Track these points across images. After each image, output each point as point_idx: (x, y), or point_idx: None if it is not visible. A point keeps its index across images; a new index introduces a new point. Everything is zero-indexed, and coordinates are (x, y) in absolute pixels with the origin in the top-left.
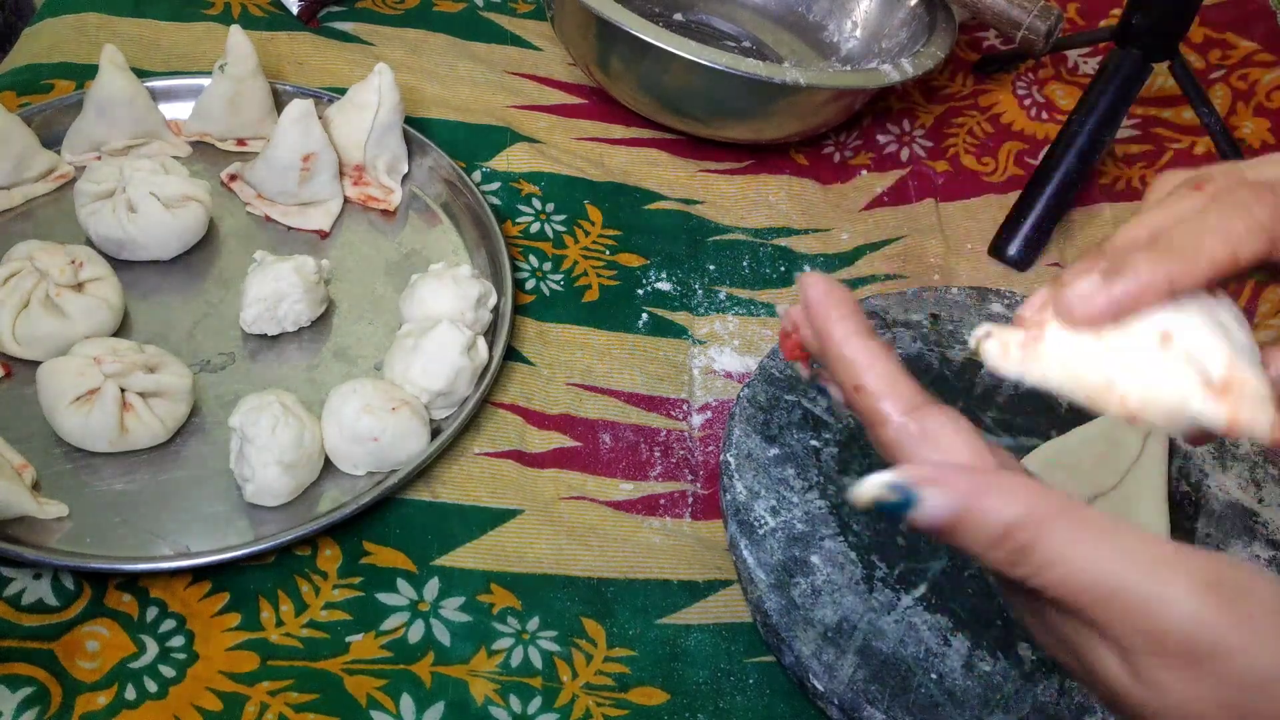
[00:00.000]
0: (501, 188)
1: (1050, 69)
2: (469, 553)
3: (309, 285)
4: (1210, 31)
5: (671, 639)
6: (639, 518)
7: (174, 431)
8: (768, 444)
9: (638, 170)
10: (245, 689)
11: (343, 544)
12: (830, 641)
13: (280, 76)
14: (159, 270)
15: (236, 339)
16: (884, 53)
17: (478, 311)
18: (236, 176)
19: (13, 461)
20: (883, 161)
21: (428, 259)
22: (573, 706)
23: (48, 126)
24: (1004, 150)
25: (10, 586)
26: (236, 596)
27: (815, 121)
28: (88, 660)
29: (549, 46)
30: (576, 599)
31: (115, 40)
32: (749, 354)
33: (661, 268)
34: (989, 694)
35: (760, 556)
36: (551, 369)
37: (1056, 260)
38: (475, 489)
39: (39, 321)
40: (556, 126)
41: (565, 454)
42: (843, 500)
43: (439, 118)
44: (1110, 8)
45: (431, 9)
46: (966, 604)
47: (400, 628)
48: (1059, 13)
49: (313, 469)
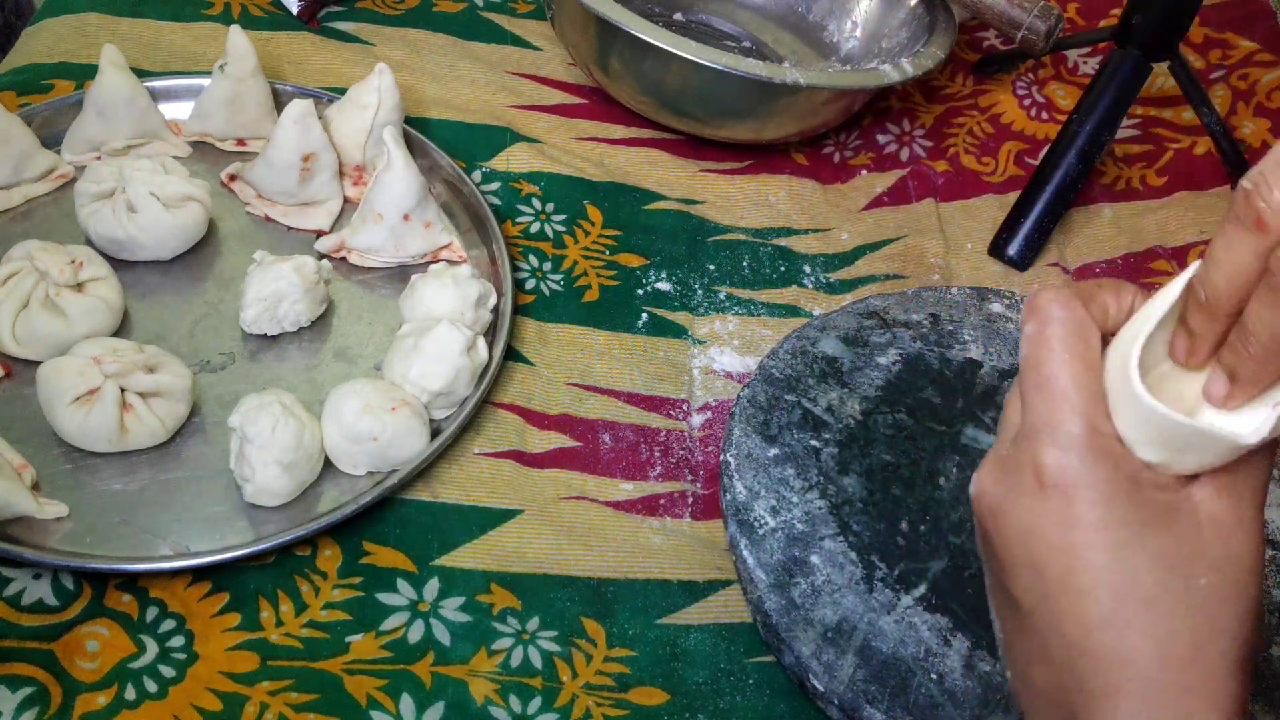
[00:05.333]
0: (501, 188)
1: (1050, 69)
2: (469, 553)
3: (309, 285)
4: (1210, 31)
5: (671, 639)
6: (639, 518)
7: (174, 431)
8: (768, 444)
9: (638, 170)
10: (245, 689)
11: (343, 544)
12: (830, 641)
13: (280, 76)
14: (159, 270)
15: (236, 339)
16: (884, 53)
17: (477, 311)
18: (236, 176)
19: (13, 461)
20: (883, 161)
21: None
22: (573, 706)
23: (48, 126)
24: (1004, 150)
25: (10, 586)
26: (236, 596)
27: (815, 121)
28: (87, 660)
29: (549, 46)
30: (576, 599)
31: (115, 40)
32: (749, 354)
33: (661, 268)
34: (989, 694)
35: (760, 556)
36: (551, 369)
37: (1056, 260)
38: (475, 489)
39: (39, 321)
40: (556, 126)
41: (565, 454)
42: (843, 500)
43: (439, 118)
44: (1110, 8)
45: (431, 9)
46: (966, 604)
47: (400, 628)
48: (1059, 13)
49: (313, 469)
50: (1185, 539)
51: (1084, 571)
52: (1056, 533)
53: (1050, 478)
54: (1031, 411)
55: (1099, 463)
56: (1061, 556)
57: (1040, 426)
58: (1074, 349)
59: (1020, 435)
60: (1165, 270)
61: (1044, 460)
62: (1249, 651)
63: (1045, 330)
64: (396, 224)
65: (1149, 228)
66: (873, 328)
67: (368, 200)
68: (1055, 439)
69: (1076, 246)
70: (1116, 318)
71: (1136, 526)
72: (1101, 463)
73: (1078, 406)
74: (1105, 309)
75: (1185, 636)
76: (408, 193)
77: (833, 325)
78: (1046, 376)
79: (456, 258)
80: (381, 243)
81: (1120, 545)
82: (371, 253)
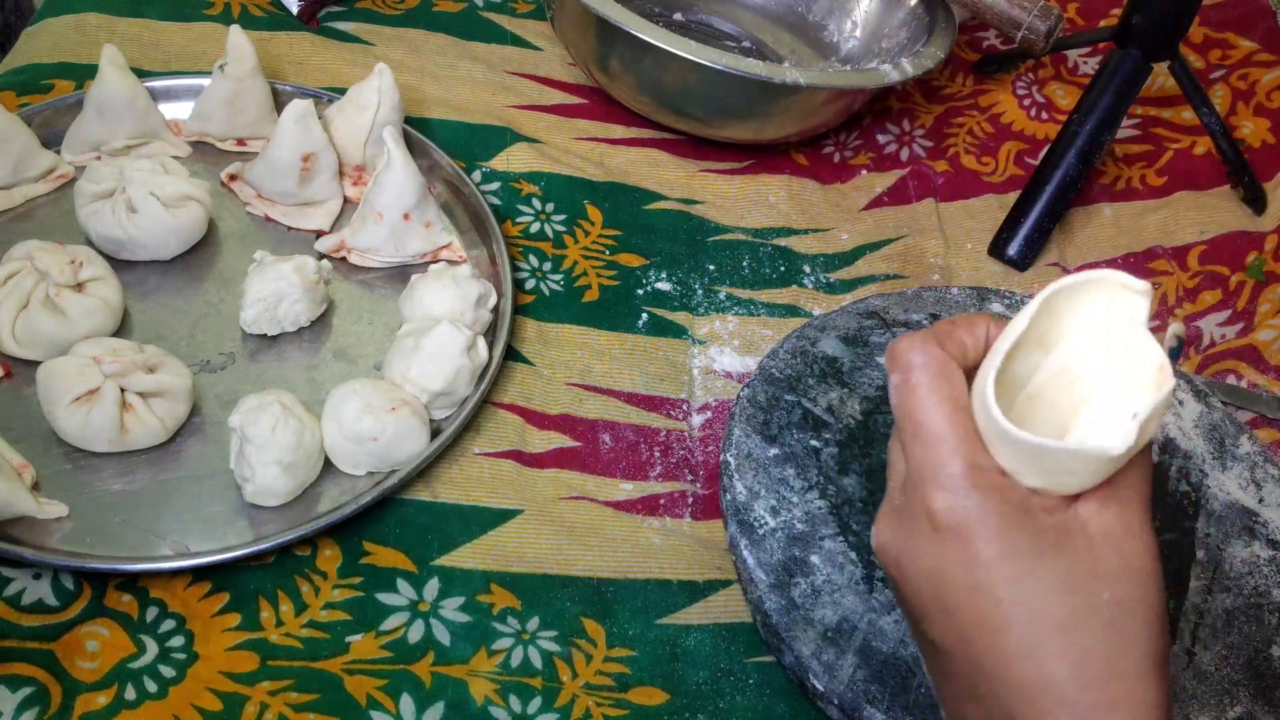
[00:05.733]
0: (501, 188)
1: (1050, 69)
2: (469, 553)
3: (309, 285)
4: (1210, 31)
5: (671, 639)
6: (639, 518)
7: (174, 431)
8: (768, 444)
9: (638, 170)
10: (245, 689)
11: (343, 544)
12: (830, 641)
13: (280, 76)
14: (159, 270)
15: (236, 339)
16: (884, 53)
17: (477, 311)
18: (236, 176)
19: (13, 461)
20: (882, 161)
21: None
22: (573, 706)
23: (48, 126)
24: (1004, 150)
25: (10, 586)
26: (236, 596)
27: (815, 121)
28: (87, 660)
29: (549, 46)
30: (576, 599)
31: (115, 40)
32: (749, 354)
33: (661, 268)
34: None
35: (760, 556)
36: (551, 369)
37: (1056, 260)
38: (475, 489)
39: (39, 321)
40: (556, 126)
41: (565, 454)
42: (843, 500)
43: (439, 118)
44: (1110, 8)
45: (431, 9)
46: None
47: (400, 628)
48: (1059, 13)
49: (313, 469)
50: (1081, 557)
51: (993, 607)
52: (960, 573)
53: (943, 520)
54: (913, 459)
55: (986, 498)
56: (969, 596)
57: (924, 472)
58: (939, 392)
59: (907, 484)
60: (1165, 270)
61: (934, 505)
62: (1162, 654)
63: (909, 378)
64: (396, 224)
65: (1149, 228)
66: (873, 328)
67: (368, 200)
68: (940, 482)
69: (1076, 246)
70: (975, 351)
71: (1034, 554)
72: (989, 497)
73: (955, 447)
74: (962, 346)
75: (1099, 653)
76: (408, 192)
77: (833, 325)
78: (919, 424)
79: (456, 258)
80: (381, 243)
81: (1022, 575)
82: (371, 253)
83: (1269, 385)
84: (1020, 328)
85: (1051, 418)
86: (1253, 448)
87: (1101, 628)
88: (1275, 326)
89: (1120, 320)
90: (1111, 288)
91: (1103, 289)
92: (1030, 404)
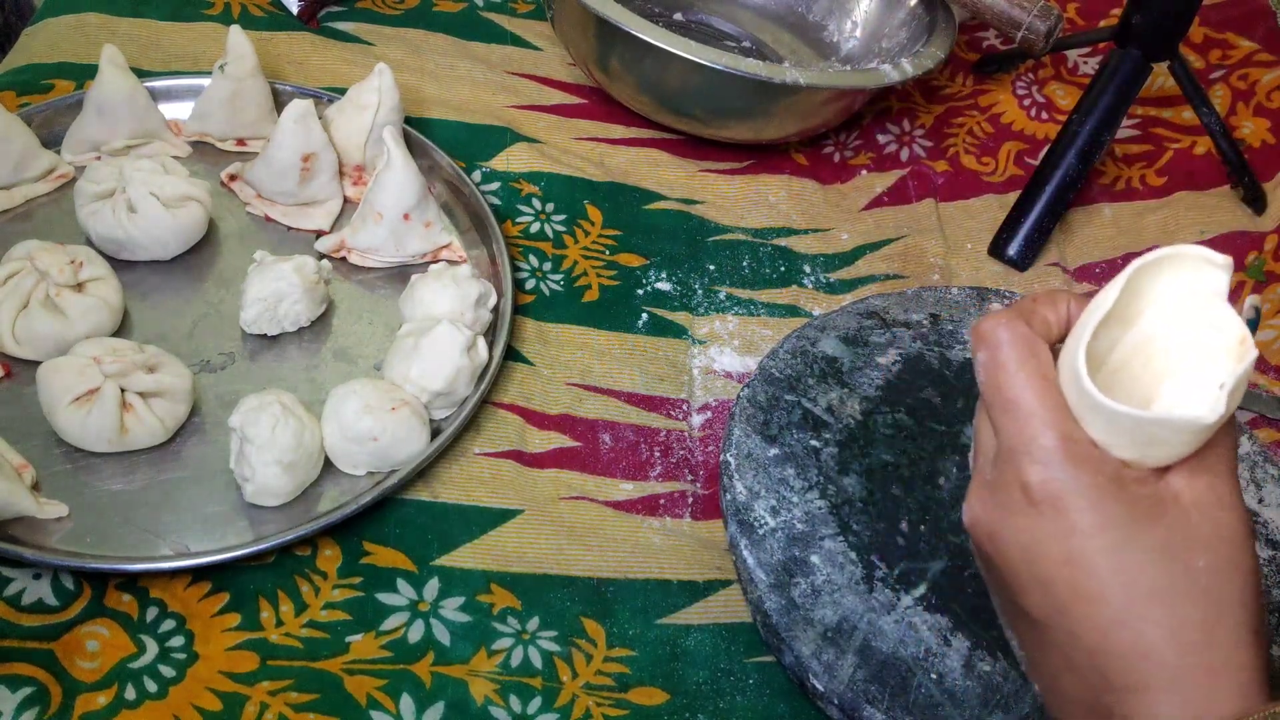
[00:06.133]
0: (501, 188)
1: (1050, 69)
2: (469, 553)
3: (309, 285)
4: (1210, 31)
5: (671, 639)
6: (639, 518)
7: (174, 431)
8: (768, 444)
9: (638, 170)
10: (245, 689)
11: (343, 544)
12: (830, 641)
13: (280, 76)
14: (159, 270)
15: (236, 339)
16: (884, 53)
17: (477, 311)
18: (236, 176)
19: (13, 461)
20: (883, 161)
21: None
22: (573, 706)
23: (48, 126)
24: (1004, 150)
25: (10, 586)
26: (236, 596)
27: (815, 121)
28: (87, 660)
29: (549, 46)
30: (576, 599)
31: (115, 40)
32: (749, 354)
33: (661, 268)
34: (989, 694)
35: (760, 556)
36: (551, 369)
37: (1056, 260)
38: (475, 489)
39: (39, 321)
40: (556, 126)
41: (565, 454)
42: (843, 500)
43: (439, 118)
44: (1110, 8)
45: (431, 9)
46: (966, 604)
47: (400, 628)
48: (1059, 13)
49: (312, 469)
50: (1176, 527)
51: (1090, 577)
52: (1056, 545)
53: (1038, 493)
54: (1004, 434)
55: (1080, 470)
56: (1065, 568)
57: (1017, 446)
58: (1028, 366)
59: (999, 458)
60: None
61: (1028, 478)
62: (1258, 621)
63: (997, 354)
64: (396, 224)
65: (1149, 228)
66: (873, 328)
67: (368, 200)
68: (1034, 455)
69: (1076, 246)
70: (1058, 327)
71: (1130, 524)
72: (1083, 469)
73: (1047, 420)
74: (1046, 322)
75: (1196, 620)
76: (408, 192)
77: (833, 325)
78: (1010, 399)
79: (456, 258)
80: (381, 243)
81: (1119, 545)
82: (371, 252)
83: (1269, 385)
84: (1109, 302)
85: (1134, 391)
86: (1252, 448)
87: (1198, 595)
88: (1275, 326)
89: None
90: (1192, 262)
91: (1182, 263)
92: (1112, 378)
